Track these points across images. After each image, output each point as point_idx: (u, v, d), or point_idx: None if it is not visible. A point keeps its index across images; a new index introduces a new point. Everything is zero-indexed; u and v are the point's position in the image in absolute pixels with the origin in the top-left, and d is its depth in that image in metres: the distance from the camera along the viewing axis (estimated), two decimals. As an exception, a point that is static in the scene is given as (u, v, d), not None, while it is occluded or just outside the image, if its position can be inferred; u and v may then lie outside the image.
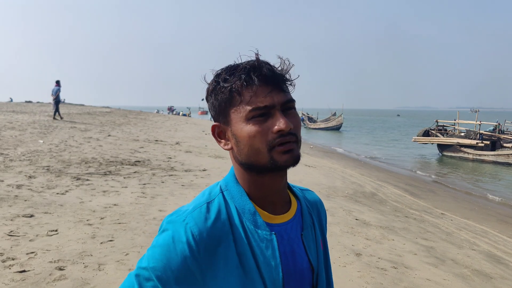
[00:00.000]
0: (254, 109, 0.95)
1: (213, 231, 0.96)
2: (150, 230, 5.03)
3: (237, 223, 0.99)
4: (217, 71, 1.02)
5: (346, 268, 4.46)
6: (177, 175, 8.88)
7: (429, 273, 4.68)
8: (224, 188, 1.05)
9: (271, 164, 0.97)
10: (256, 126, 0.95)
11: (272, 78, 0.97)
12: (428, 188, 13.08)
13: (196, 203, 1.02)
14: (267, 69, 0.97)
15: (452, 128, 27.30)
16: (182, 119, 39.25)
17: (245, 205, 1.01)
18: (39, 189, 6.65)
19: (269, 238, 1.00)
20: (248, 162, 1.00)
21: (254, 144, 0.96)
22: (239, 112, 0.97)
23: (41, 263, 3.88)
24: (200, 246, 0.94)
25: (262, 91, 0.95)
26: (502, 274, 5.12)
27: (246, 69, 0.97)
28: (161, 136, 18.05)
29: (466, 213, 9.27)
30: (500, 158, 20.52)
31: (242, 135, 0.97)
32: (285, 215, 1.07)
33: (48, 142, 12.37)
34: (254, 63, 0.98)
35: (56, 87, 21.62)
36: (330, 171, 12.93)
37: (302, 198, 1.16)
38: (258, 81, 0.95)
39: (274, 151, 0.95)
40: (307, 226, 1.10)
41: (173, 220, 0.99)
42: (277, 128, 0.94)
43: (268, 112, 0.96)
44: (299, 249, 1.05)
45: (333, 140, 34.71)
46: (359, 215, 7.08)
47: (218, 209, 1.00)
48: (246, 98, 0.96)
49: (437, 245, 5.94)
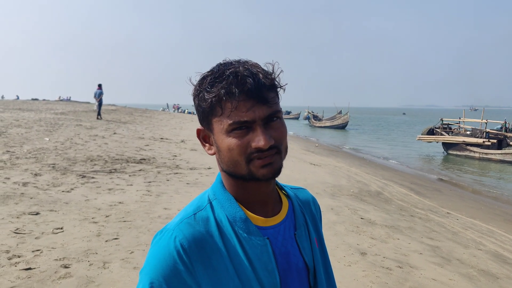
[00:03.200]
0: (234, 123, 0.93)
1: (202, 242, 0.94)
2: (155, 228, 5.03)
3: (229, 233, 0.98)
4: (202, 75, 1.00)
5: (351, 268, 4.45)
6: (182, 173, 8.89)
7: (434, 273, 4.66)
8: (212, 198, 1.04)
9: (249, 176, 0.96)
10: (235, 139, 0.94)
11: (255, 92, 0.94)
12: (433, 187, 13.01)
13: (183, 214, 1.01)
14: (250, 83, 0.93)
15: (457, 127, 27.14)
16: (188, 117, 39.30)
17: (236, 213, 1.00)
18: (44, 186, 6.68)
19: (263, 243, 0.99)
20: (228, 170, 1.00)
21: (233, 156, 0.95)
22: (220, 123, 0.96)
23: (46, 261, 3.89)
24: (192, 258, 0.92)
25: (244, 105, 0.93)
26: (508, 274, 5.08)
27: (229, 80, 0.94)
28: (167, 134, 18.09)
29: (473, 212, 9.21)
30: (507, 156, 20.37)
31: (222, 146, 0.97)
32: (277, 216, 1.06)
33: (54, 140, 12.43)
34: (238, 73, 0.94)
35: (98, 90, 23.26)
36: (335, 169, 12.90)
37: (293, 197, 1.15)
38: (239, 94, 0.93)
39: (252, 164, 0.95)
40: (300, 225, 1.09)
41: (162, 236, 0.97)
42: (255, 144, 0.93)
43: (250, 126, 0.94)
44: (293, 249, 1.05)
45: (339, 139, 34.62)
46: (364, 214, 7.06)
47: (206, 220, 0.99)
48: (227, 111, 0.94)
49: (443, 244, 5.90)
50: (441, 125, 26.84)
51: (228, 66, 0.97)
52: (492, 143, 21.52)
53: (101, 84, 23.84)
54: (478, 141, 21.95)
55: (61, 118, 21.34)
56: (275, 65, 1.00)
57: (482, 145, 21.84)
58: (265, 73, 0.97)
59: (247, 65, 0.97)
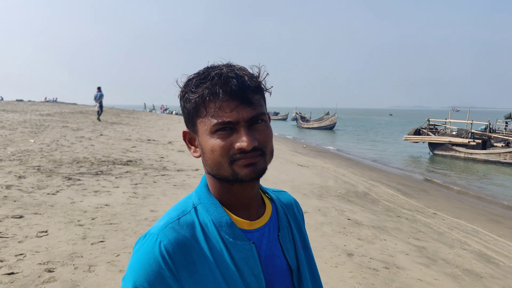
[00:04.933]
0: (217, 124, 0.94)
1: (187, 247, 0.94)
2: (142, 230, 4.99)
3: (215, 237, 0.97)
4: (189, 77, 1.00)
5: (338, 269, 4.46)
6: (169, 174, 8.85)
7: (420, 273, 4.69)
8: (197, 202, 1.03)
9: (233, 176, 0.96)
10: (219, 140, 0.94)
11: (239, 93, 0.94)
12: (420, 187, 13.13)
13: (167, 218, 1.00)
14: (234, 83, 0.93)
15: (443, 127, 27.44)
16: (175, 118, 39.14)
17: (222, 217, 1.00)
18: (29, 189, 6.59)
19: (249, 248, 0.99)
20: (212, 172, 1.00)
21: (216, 158, 0.96)
22: (204, 124, 0.96)
23: (30, 265, 3.83)
24: (177, 263, 0.91)
25: (228, 105, 0.93)
26: (492, 273, 5.14)
27: (214, 81, 0.94)
28: (154, 136, 17.99)
29: (458, 213, 9.32)
30: (491, 156, 20.67)
31: (206, 147, 0.97)
32: (262, 218, 1.06)
33: (39, 142, 12.27)
34: (222, 74, 0.95)
35: (98, 93, 23.98)
36: (323, 170, 12.94)
37: (276, 200, 1.16)
38: (223, 95, 0.93)
39: (235, 164, 0.95)
40: (283, 227, 1.10)
41: (146, 240, 0.96)
42: (238, 145, 0.93)
43: (233, 127, 0.94)
44: (277, 251, 1.05)
45: (326, 140, 34.76)
46: (352, 215, 7.09)
47: (191, 224, 0.98)
48: (211, 112, 0.94)
49: (429, 245, 5.95)
50: (428, 125, 27.12)
51: (214, 69, 0.97)
52: (477, 143, 21.84)
53: (100, 87, 24.32)
54: (463, 141, 22.25)
55: (47, 119, 21.09)
56: (262, 68, 1.00)
57: (467, 145, 22.15)
58: (250, 75, 0.97)
59: (233, 67, 0.97)
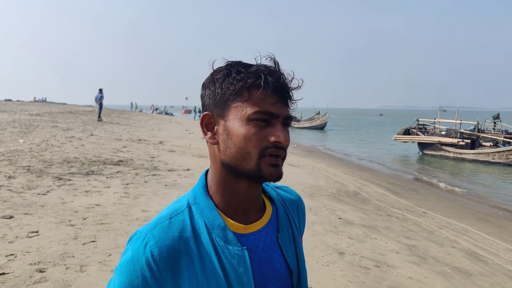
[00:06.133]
0: (259, 112, 0.92)
1: (174, 250, 0.92)
2: (133, 230, 4.98)
3: (206, 240, 0.95)
4: (230, 62, 0.98)
5: (329, 267, 4.49)
6: (160, 174, 8.83)
7: (411, 271, 4.74)
8: (192, 202, 1.01)
9: (255, 171, 0.94)
10: (255, 128, 0.92)
11: (284, 90, 0.95)
12: (410, 187, 13.23)
13: (158, 217, 0.98)
14: (283, 79, 0.95)
15: (433, 127, 27.67)
16: (166, 118, 39.02)
17: (215, 220, 0.97)
18: (19, 189, 6.54)
19: (241, 254, 0.96)
20: (231, 163, 0.95)
21: (247, 147, 0.92)
22: (241, 110, 0.93)
23: (21, 265, 3.81)
24: (161, 266, 0.90)
25: (272, 98, 0.93)
26: (481, 271, 5.21)
27: (262, 71, 0.94)
28: (144, 136, 17.92)
29: (447, 212, 9.41)
30: (480, 156, 20.88)
31: (237, 133, 0.93)
32: (259, 221, 1.03)
33: (29, 142, 12.17)
34: (271, 68, 0.95)
35: (99, 94, 24.94)
36: (314, 170, 13.00)
37: (277, 199, 1.13)
38: (272, 86, 0.93)
39: (263, 160, 0.93)
40: (283, 227, 1.07)
41: (134, 239, 0.95)
42: (275, 138, 0.92)
43: (271, 120, 0.94)
44: (276, 255, 1.02)
45: (317, 139, 34.87)
46: (342, 214, 7.14)
47: (182, 225, 0.96)
48: (255, 99, 0.92)
49: (419, 243, 6.01)
50: (417, 125, 27.32)
51: (257, 64, 0.97)
52: (466, 143, 22.05)
53: (101, 88, 25.21)
54: (452, 141, 22.46)
55: (36, 119, 20.92)
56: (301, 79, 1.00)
57: (456, 145, 22.35)
58: (292, 79, 0.98)
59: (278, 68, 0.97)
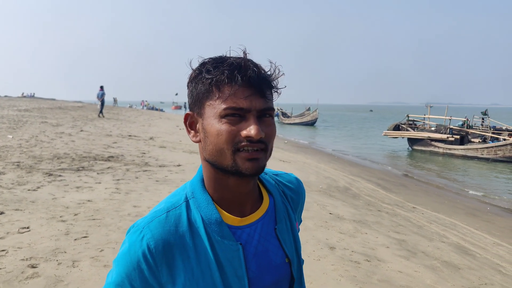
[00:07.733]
0: (229, 108, 0.91)
1: (170, 243, 0.94)
2: (125, 226, 4.98)
3: (202, 234, 0.96)
4: (204, 60, 0.98)
5: (320, 262, 4.54)
6: (151, 170, 8.81)
7: (401, 265, 4.80)
8: (190, 196, 1.02)
9: (232, 168, 0.94)
10: (227, 125, 0.92)
11: (255, 82, 0.93)
12: (399, 182, 13.34)
13: (156, 210, 0.99)
14: (253, 71, 0.93)
15: (422, 123, 27.86)
16: (156, 114, 38.85)
17: (212, 214, 0.98)
18: (9, 185, 6.50)
19: (235, 249, 0.97)
20: (211, 160, 0.97)
21: (220, 143, 0.92)
22: (213, 108, 0.93)
23: (12, 261, 3.80)
24: (157, 259, 0.92)
25: (243, 92, 0.92)
26: (469, 265, 5.29)
27: (232, 66, 0.93)
28: (135, 131, 17.84)
29: (437, 207, 9.51)
30: (469, 152, 21.08)
31: (211, 131, 0.94)
32: (255, 213, 1.04)
33: (18, 137, 12.07)
34: (241, 62, 0.94)
35: (100, 92, 25.70)
36: (304, 166, 13.05)
37: (274, 189, 1.13)
38: (241, 81, 0.92)
39: (238, 155, 0.92)
40: (280, 219, 1.07)
41: (132, 232, 0.97)
42: (245, 133, 0.91)
43: (243, 114, 0.92)
44: (272, 246, 1.03)
45: (308, 135, 34.93)
46: (333, 209, 7.19)
47: (178, 219, 0.97)
48: (224, 95, 0.92)
49: (409, 238, 6.08)
50: (407, 121, 27.50)
51: (230, 57, 0.96)
52: (455, 139, 22.26)
53: (103, 85, 25.99)
54: (442, 137, 22.65)
55: (25, 115, 20.72)
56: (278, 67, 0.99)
57: (446, 141, 22.54)
58: (267, 69, 0.98)
59: (250, 59, 0.96)
